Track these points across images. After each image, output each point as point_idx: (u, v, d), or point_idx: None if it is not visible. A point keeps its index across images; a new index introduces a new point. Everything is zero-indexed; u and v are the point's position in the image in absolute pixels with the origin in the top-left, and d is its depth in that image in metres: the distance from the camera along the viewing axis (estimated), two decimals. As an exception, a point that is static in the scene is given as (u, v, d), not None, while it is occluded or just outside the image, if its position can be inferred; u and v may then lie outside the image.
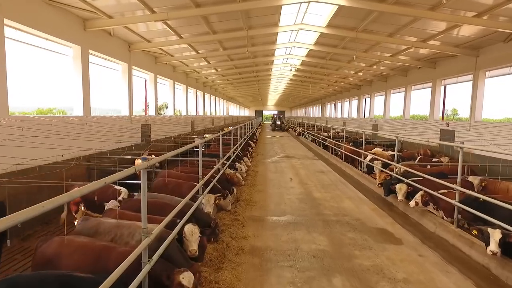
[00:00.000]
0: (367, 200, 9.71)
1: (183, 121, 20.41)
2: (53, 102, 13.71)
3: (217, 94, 35.23)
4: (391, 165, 10.67)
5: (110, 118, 10.85)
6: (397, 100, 23.21)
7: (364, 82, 25.00)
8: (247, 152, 16.53)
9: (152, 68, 15.70)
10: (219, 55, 17.11)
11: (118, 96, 12.94)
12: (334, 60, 19.07)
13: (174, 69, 18.93)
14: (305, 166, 15.69)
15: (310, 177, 12.97)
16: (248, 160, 14.62)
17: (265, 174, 13.51)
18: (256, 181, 11.88)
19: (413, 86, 18.54)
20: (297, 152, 21.73)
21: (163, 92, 19.45)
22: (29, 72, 11.15)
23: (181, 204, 5.25)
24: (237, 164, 11.48)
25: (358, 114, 28.13)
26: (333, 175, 13.58)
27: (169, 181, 7.66)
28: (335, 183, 11.94)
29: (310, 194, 10.21)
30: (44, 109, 14.83)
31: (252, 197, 9.56)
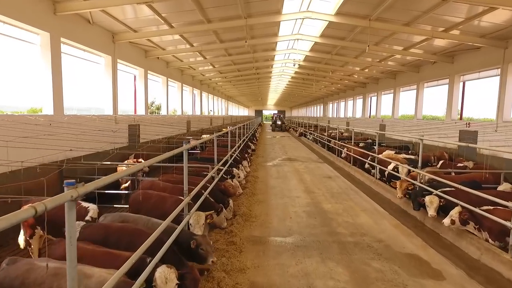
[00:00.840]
0: (386, 213, 8.31)
1: (178, 121, 18.99)
2: (22, 100, 12.21)
3: (215, 93, 33.82)
4: (411, 172, 9.29)
5: (87, 118, 9.42)
6: (405, 99, 21.83)
7: (371, 80, 23.60)
8: (247, 154, 15.14)
9: (142, 62, 14.28)
10: (215, 48, 15.68)
11: (101, 93, 11.52)
12: (340, 55, 17.65)
13: (167, 64, 17.51)
14: (310, 171, 14.29)
15: (317, 184, 11.56)
16: (247, 164, 13.22)
17: (266, 180, 12.11)
18: (256, 189, 10.48)
19: (426, 83, 17.15)
20: (299, 154, 20.33)
21: (156, 90, 18.04)
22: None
23: (158, 230, 3.83)
24: (234, 170, 10.08)
25: (364, 114, 26.73)
26: (342, 181, 12.17)
27: (150, 195, 6.25)
28: (346, 191, 10.54)
29: (318, 206, 8.81)
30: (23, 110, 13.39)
31: (252, 210, 8.15)
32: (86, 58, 10.68)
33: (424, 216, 7.64)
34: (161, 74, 16.84)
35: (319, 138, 23.05)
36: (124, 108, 15.09)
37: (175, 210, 4.74)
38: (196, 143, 7.61)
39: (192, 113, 24.22)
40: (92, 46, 10.31)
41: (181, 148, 5.10)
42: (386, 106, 24.19)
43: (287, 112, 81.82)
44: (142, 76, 14.43)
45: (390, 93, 22.42)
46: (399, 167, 9.71)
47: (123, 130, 11.94)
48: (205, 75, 23.73)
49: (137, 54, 13.82)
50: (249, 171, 12.96)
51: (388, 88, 21.71)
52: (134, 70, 14.41)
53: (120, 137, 11.49)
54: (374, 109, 26.15)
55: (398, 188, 8.53)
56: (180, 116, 20.37)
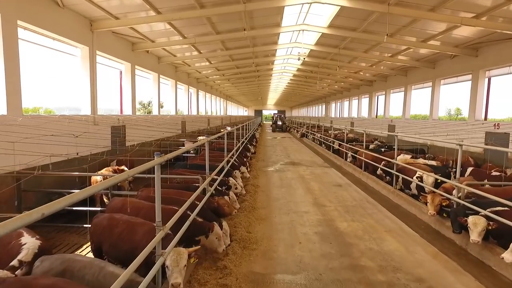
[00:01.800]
0: (416, 235, 6.78)
1: (172, 121, 17.45)
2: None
3: (213, 92, 32.29)
4: (442, 182, 7.77)
5: (51, 119, 7.86)
6: (414, 98, 20.28)
7: (378, 77, 22.08)
8: (246, 159, 13.60)
9: (128, 56, 12.74)
10: (211, 41, 14.13)
11: (78, 90, 9.98)
12: (349, 49, 16.12)
13: (158, 60, 15.97)
14: (317, 177, 12.75)
15: (327, 194, 10.03)
16: (246, 170, 11.69)
17: (268, 189, 10.58)
18: (257, 202, 8.94)
19: (442, 80, 15.62)
20: (303, 157, 18.80)
21: (146, 88, 16.52)
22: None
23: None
24: (231, 179, 8.54)
25: (370, 113, 25.22)
26: (355, 191, 10.64)
27: (117, 221, 4.71)
28: (362, 204, 9.00)
29: (332, 225, 7.27)
30: None
31: (252, 233, 6.62)
32: (57, 48, 9.13)
33: (465, 241, 6.13)
34: (151, 70, 15.31)
35: (323, 140, 21.52)
36: (110, 108, 13.57)
37: (144, 250, 3.26)
38: (188, 147, 6.17)
39: (188, 113, 22.68)
40: (65, 34, 8.77)
41: (152, 162, 3.57)
42: (393, 105, 22.71)
43: (287, 112, 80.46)
44: (129, 71, 12.89)
45: (399, 91, 20.92)
46: (424, 176, 8.16)
47: (105, 133, 10.40)
48: (202, 72, 22.19)
49: (122, 46, 12.28)
50: (249, 177, 11.42)
51: (398, 86, 20.20)
52: (120, 65, 12.88)
53: (104, 140, 9.97)
54: (381, 108, 24.66)
55: (430, 203, 6.99)
56: (174, 116, 18.83)
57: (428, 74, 16.24)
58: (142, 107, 36.63)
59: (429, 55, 14.78)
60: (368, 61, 18.45)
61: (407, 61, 16.22)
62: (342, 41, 15.11)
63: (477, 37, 11.36)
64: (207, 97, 30.35)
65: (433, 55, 14.67)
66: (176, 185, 7.31)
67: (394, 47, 14.55)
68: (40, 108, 17.42)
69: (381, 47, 14.77)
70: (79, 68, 9.83)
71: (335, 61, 18.75)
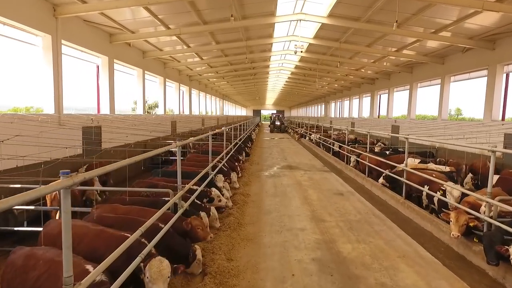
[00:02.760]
0: (438, 263, 5.48)
1: (160, 121, 16.14)
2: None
3: (208, 90, 30.98)
4: (465, 195, 6.48)
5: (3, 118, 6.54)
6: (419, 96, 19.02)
7: (381, 75, 20.80)
8: (237, 163, 12.30)
9: (105, 49, 11.45)
10: (198, 32, 12.81)
11: (40, 86, 8.66)
12: (350, 42, 14.83)
13: (143, 54, 14.67)
14: (315, 184, 11.46)
15: (326, 205, 8.74)
16: (235, 176, 10.38)
17: (260, 199, 9.27)
18: (245, 216, 7.64)
19: (453, 77, 14.34)
20: (301, 159, 17.51)
21: (130, 85, 15.19)
22: None
23: None
24: (213, 190, 7.23)
25: (372, 113, 23.94)
26: (358, 201, 9.34)
27: (34, 261, 3.38)
28: (367, 219, 7.71)
29: (333, 247, 5.98)
30: None
31: (234, 260, 5.32)
32: (13, 36, 7.81)
33: (502, 273, 4.86)
34: (135, 65, 14.00)
35: (322, 141, 20.22)
36: (87, 106, 12.27)
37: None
38: (159, 151, 4.97)
39: (179, 113, 21.36)
40: (21, 20, 7.46)
41: (50, 187, 2.27)
42: (396, 105, 21.45)
43: (286, 112, 79.30)
44: (106, 65, 11.58)
45: (404, 89, 19.65)
46: (447, 188, 6.84)
47: (75, 134, 9.09)
48: (193, 69, 20.89)
49: (97, 38, 10.97)
50: (238, 187, 10.12)
51: (402, 83, 18.92)
52: (96, 59, 11.56)
53: (72, 142, 8.65)
54: (383, 108, 23.41)
55: (454, 223, 5.69)
56: (162, 116, 17.52)
57: (436, 70, 14.95)
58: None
59: (438, 48, 13.48)
60: (370, 56, 17.17)
61: (414, 56, 14.93)
62: (343, 34, 13.81)
63: (495, 26, 10.09)
64: (201, 96, 29.05)
65: (443, 49, 13.37)
66: (146, 199, 6.01)
67: (399, 39, 13.25)
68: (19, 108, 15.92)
69: (385, 40, 13.49)
70: (40, 60, 8.52)
71: (335, 56, 17.47)
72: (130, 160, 3.90)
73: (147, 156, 4.36)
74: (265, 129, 52.15)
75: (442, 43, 12.28)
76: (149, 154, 4.45)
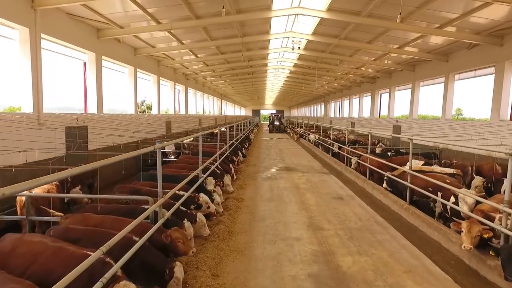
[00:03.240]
0: (447, 278, 4.91)
1: (153, 121, 15.55)
2: None
3: (206, 90, 30.39)
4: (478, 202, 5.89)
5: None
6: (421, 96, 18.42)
7: (382, 73, 20.22)
8: (232, 165, 11.72)
9: (92, 44, 10.87)
10: (190, 27, 12.23)
11: (17, 82, 8.08)
12: (351, 39, 14.25)
13: (135, 51, 14.09)
14: (314, 187, 10.88)
15: (325, 211, 8.15)
16: (229, 179, 9.79)
17: (254, 204, 8.69)
18: (236, 224, 7.06)
19: (457, 75, 13.76)
20: (299, 161, 16.94)
21: (121, 84, 14.61)
22: None
23: None
24: (201, 196, 6.64)
25: (372, 113, 23.36)
26: (359, 206, 8.76)
27: None
28: (369, 226, 7.13)
29: (332, 260, 5.39)
30: None
31: (220, 277, 4.75)
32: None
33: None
34: (125, 62, 13.42)
35: (322, 142, 19.64)
36: (73, 106, 11.68)
37: None
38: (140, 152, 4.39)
39: (174, 112, 20.78)
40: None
41: None
42: (397, 104, 20.86)
43: (285, 112, 78.72)
44: (93, 62, 11.00)
45: (405, 88, 19.08)
46: (460, 195, 6.23)
47: (57, 136, 8.51)
48: (189, 68, 20.31)
49: (83, 32, 10.38)
50: (232, 191, 9.54)
51: (404, 82, 18.35)
52: (83, 55, 10.99)
53: (53, 144, 8.08)
54: (384, 108, 22.84)
55: (466, 233, 5.11)
56: (156, 115, 16.94)
57: (440, 68, 14.36)
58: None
59: (442, 45, 12.89)
60: (371, 54, 16.58)
61: (417, 53, 14.35)
62: (343, 30, 13.22)
63: (505, 20, 9.50)
64: (199, 96, 28.47)
65: (447, 46, 12.77)
66: (122, 207, 5.41)
67: (402, 35, 12.66)
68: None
69: (387, 36, 12.91)
70: (18, 55, 7.93)
71: (335, 54, 16.89)
72: (101, 163, 3.35)
73: (121, 159, 3.80)
74: (265, 129, 51.57)
75: (447, 39, 11.70)
76: (123, 157, 3.89)
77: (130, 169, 12.14)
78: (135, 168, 13.27)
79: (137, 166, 13.66)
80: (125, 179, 10.71)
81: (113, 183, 9.70)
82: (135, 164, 13.65)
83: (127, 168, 11.19)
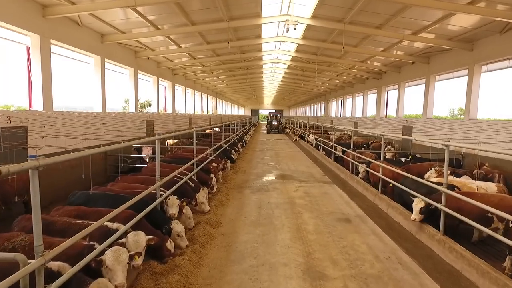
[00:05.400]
0: None
1: (129, 121, 13.36)
2: None
3: (197, 87, 28.21)
4: None
5: None
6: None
7: (390, 67, 18.04)
8: (214, 175, 9.55)
9: (35, 24, 8.69)
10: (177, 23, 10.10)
11: None
12: (357, 23, 12.05)
13: (102, 38, 11.93)
14: (313, 202, 8.71)
15: (328, 244, 5.98)
16: (205, 196, 7.61)
17: (233, 231, 6.52)
18: (200, 271, 4.88)
19: (484, 66, 11.58)
20: (297, 166, 14.77)
21: (85, 76, 12.44)
22: None
23: None
24: (131, 238, 4.43)
25: (379, 112, 21.19)
26: (374, 234, 6.58)
27: None
28: (392, 272, 4.95)
29: None
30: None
31: None
32: None
33: None
34: (88, 50, 11.24)
35: (322, 144, 17.47)
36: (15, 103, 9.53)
37: None
38: None
39: (157, 111, 18.61)
40: None
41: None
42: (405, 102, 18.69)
43: (285, 112, 76.67)
44: (37, 47, 8.83)
45: (417, 84, 16.93)
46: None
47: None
48: (173, 60, 18.12)
49: (21, 9, 8.20)
50: (208, 210, 7.37)
51: (416, 77, 16.17)
52: (25, 38, 8.82)
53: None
54: (391, 106, 20.70)
55: None
56: (133, 114, 14.76)
57: (463, 59, 12.16)
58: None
59: (469, 29, 10.65)
60: (380, 43, 14.37)
61: (435, 40, 12.13)
62: (348, 11, 11.01)
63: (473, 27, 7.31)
64: (189, 94, 26.31)
65: (474, 30, 10.57)
66: None
67: (420, 16, 10.44)
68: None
69: (402, 18, 10.71)
70: None
71: (337, 44, 14.70)
72: None
73: None
74: (263, 129, 49.41)
75: (474, 21, 9.51)
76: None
77: (98, 178, 9.97)
78: (103, 176, 11.14)
79: (105, 174, 11.55)
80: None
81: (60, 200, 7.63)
82: (102, 171, 11.52)
83: (95, 175, 8.87)
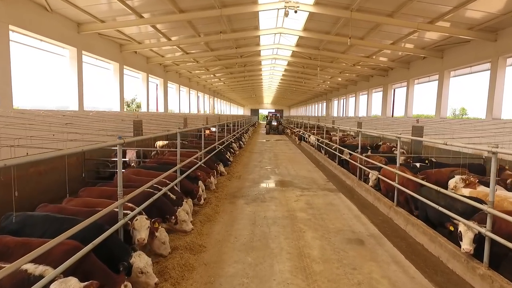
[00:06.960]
0: None
1: (112, 121, 12.05)
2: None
3: (193, 85, 26.91)
4: None
5: None
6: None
7: (398, 63, 16.73)
8: (205, 179, 8.25)
9: None
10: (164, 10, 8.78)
11: None
12: (365, 10, 10.74)
13: (78, 27, 10.63)
14: (317, 216, 7.40)
15: (338, 277, 4.66)
16: (187, 212, 6.28)
17: (219, 259, 5.20)
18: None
19: (510, 58, 10.27)
20: (298, 171, 13.45)
21: (60, 71, 11.12)
22: None
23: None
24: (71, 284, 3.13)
25: (385, 111, 19.88)
26: (394, 262, 5.26)
27: None
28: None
29: None
30: None
31: None
32: None
33: None
34: (62, 41, 9.94)
35: (325, 146, 16.16)
36: None
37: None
38: None
39: (147, 110, 17.31)
40: None
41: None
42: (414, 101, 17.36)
43: (285, 112, 75.42)
44: None
45: (428, 81, 15.62)
46: None
47: None
48: (164, 55, 16.82)
49: None
50: (191, 229, 6.06)
51: (427, 72, 14.86)
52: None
53: None
54: (398, 105, 19.41)
55: None
56: (119, 113, 13.45)
57: (485, 51, 10.85)
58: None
59: (494, 16, 9.34)
60: (390, 35, 13.04)
61: (453, 30, 10.79)
62: None
63: None
64: (184, 92, 25.02)
65: (501, 16, 9.24)
66: None
67: (435, 1, 9.14)
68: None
69: (418, 3, 9.40)
70: None
71: (342, 36, 13.39)
72: None
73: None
74: (262, 129, 48.09)
75: (507, 2, 8.20)
76: None
77: (74, 183, 8.63)
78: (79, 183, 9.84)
79: (83, 181, 10.25)
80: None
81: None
82: (78, 177, 10.22)
83: (71, 180, 7.45)
